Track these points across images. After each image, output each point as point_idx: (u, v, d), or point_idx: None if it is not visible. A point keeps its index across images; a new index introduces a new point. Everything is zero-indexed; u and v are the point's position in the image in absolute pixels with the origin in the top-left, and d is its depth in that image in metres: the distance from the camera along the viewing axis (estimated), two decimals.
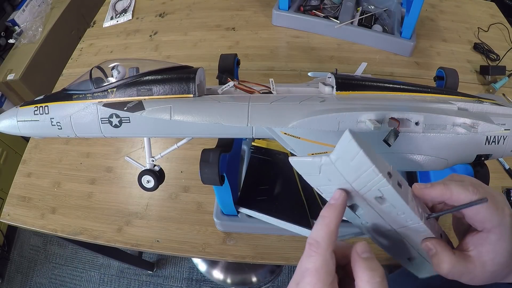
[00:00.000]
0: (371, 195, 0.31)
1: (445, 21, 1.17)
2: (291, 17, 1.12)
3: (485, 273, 0.32)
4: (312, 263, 0.28)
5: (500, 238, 0.32)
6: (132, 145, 0.91)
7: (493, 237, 0.32)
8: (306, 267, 0.29)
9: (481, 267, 0.32)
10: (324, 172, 0.30)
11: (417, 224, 0.32)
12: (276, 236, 0.72)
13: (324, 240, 0.29)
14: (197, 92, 0.49)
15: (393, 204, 0.31)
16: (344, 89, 0.50)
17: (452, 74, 0.58)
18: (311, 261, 0.29)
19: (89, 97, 0.50)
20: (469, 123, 0.44)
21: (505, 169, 0.81)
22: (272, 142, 0.79)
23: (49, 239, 1.75)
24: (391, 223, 0.33)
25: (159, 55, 1.12)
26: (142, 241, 0.75)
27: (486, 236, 0.32)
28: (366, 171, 0.29)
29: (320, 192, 0.33)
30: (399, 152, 0.45)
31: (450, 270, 0.32)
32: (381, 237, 0.36)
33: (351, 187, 0.31)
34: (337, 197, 0.31)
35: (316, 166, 0.30)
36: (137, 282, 1.60)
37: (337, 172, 0.30)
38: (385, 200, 0.31)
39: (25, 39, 1.70)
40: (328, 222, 0.30)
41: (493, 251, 0.32)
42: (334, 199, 0.31)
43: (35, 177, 0.89)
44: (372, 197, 0.31)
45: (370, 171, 0.29)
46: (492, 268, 0.32)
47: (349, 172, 0.30)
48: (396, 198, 0.30)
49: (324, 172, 0.30)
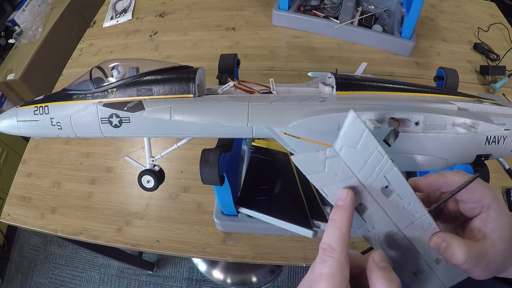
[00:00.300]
0: (378, 186, 0.31)
1: (445, 21, 1.17)
2: (291, 17, 1.12)
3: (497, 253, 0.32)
4: (327, 268, 0.28)
5: (499, 212, 0.32)
6: (132, 145, 0.91)
7: (493, 213, 0.32)
8: (320, 273, 0.28)
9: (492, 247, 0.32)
10: (329, 166, 0.30)
11: (423, 217, 0.32)
12: (276, 236, 0.72)
13: (338, 244, 0.28)
14: (197, 92, 0.49)
15: (399, 193, 0.31)
16: (344, 89, 0.50)
17: (452, 74, 0.58)
18: (326, 266, 0.28)
19: (89, 97, 0.50)
20: (469, 123, 0.44)
21: (505, 169, 0.81)
22: (272, 142, 0.79)
23: (49, 239, 1.75)
24: (398, 222, 0.33)
25: (159, 55, 1.12)
26: (142, 241, 0.75)
27: (486, 215, 0.33)
28: (372, 154, 0.28)
29: (325, 194, 0.32)
30: (399, 152, 0.45)
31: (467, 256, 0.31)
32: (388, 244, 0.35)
33: (357, 181, 0.30)
34: (345, 197, 0.30)
35: (321, 161, 0.30)
36: (137, 282, 1.60)
37: (342, 163, 0.29)
38: (391, 191, 0.31)
39: (25, 39, 1.70)
40: (340, 225, 0.29)
41: (497, 228, 0.32)
42: (342, 200, 0.30)
43: (35, 177, 0.89)
44: (379, 188, 0.31)
45: (376, 153, 0.28)
46: (502, 245, 0.32)
47: (355, 159, 0.29)
48: (402, 182, 0.30)
49: (329, 167, 0.30)
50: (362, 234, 0.35)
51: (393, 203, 0.31)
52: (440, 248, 0.32)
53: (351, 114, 0.28)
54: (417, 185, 0.35)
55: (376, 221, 0.33)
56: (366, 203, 0.32)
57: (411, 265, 0.35)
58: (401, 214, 0.32)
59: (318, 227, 0.63)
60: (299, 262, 0.69)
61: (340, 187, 0.31)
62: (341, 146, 0.29)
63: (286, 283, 1.52)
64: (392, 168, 0.29)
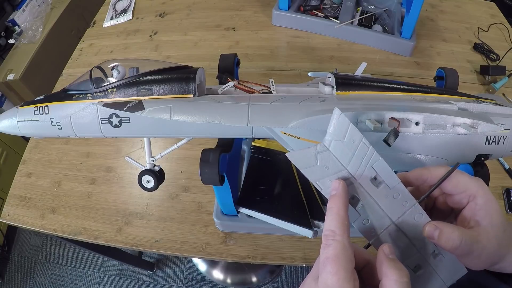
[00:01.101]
0: (367, 176, 0.33)
1: (445, 21, 1.17)
2: (291, 17, 1.12)
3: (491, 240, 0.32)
4: (332, 250, 0.28)
5: (487, 199, 0.33)
6: (132, 145, 0.91)
7: (481, 200, 0.33)
8: (326, 257, 0.28)
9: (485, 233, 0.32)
10: (321, 160, 0.32)
11: (413, 207, 0.34)
12: (276, 236, 0.72)
13: (338, 227, 0.30)
14: (197, 92, 0.49)
15: (387, 183, 0.33)
16: (344, 89, 0.50)
17: (452, 74, 0.58)
18: (330, 249, 0.29)
19: (89, 97, 0.50)
20: (469, 123, 0.44)
21: (505, 169, 0.81)
22: (272, 142, 0.79)
23: (49, 239, 1.75)
24: (390, 213, 0.34)
25: (159, 55, 1.12)
26: (142, 241, 0.75)
27: (474, 204, 0.33)
28: (359, 146, 0.31)
29: (320, 187, 0.34)
30: (399, 152, 0.45)
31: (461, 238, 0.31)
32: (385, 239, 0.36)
33: (347, 173, 0.33)
34: (337, 186, 0.32)
35: (313, 155, 0.32)
36: (137, 282, 1.60)
37: (332, 157, 0.32)
38: (380, 182, 0.33)
39: (25, 39, 1.70)
40: (337, 211, 0.31)
41: (487, 215, 0.33)
42: (335, 189, 0.32)
43: (35, 177, 0.89)
44: (368, 179, 0.33)
45: (362, 145, 0.31)
46: (494, 232, 0.33)
47: (344, 152, 0.32)
48: (389, 172, 0.32)
49: (321, 161, 0.32)
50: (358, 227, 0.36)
51: (383, 193, 0.33)
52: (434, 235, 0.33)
53: (336, 111, 0.31)
54: (406, 179, 0.36)
55: (369, 213, 0.35)
56: (358, 195, 0.34)
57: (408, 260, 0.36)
58: (391, 204, 0.34)
59: (318, 227, 0.63)
60: (299, 262, 0.69)
61: (333, 179, 0.33)
62: (330, 140, 0.32)
63: (286, 283, 1.52)
64: (378, 158, 0.32)
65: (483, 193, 0.33)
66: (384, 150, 0.44)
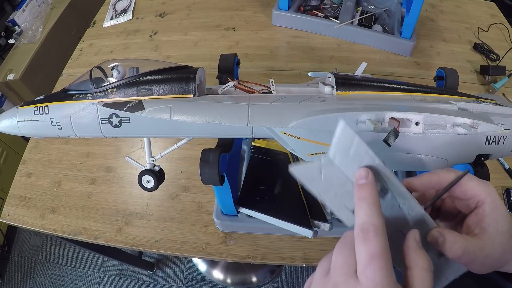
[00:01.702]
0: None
1: (445, 21, 1.17)
2: (291, 17, 1.12)
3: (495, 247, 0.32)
4: (377, 247, 0.26)
5: (495, 206, 0.33)
6: (132, 145, 0.91)
7: (488, 207, 0.33)
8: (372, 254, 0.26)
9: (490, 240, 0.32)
10: (325, 173, 0.31)
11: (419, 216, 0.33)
12: (276, 236, 0.72)
13: (379, 219, 0.27)
14: (197, 92, 0.49)
15: (393, 193, 0.32)
16: (344, 89, 0.50)
17: (452, 74, 0.58)
18: (375, 246, 0.26)
19: (89, 97, 0.50)
20: (469, 123, 0.44)
21: (505, 169, 0.81)
22: (272, 142, 0.79)
23: (49, 239, 1.75)
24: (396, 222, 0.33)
25: (159, 55, 1.12)
26: (142, 241, 0.75)
27: (481, 210, 0.33)
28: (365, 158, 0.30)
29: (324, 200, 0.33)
30: (399, 152, 0.45)
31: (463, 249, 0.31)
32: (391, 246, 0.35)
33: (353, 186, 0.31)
34: (366, 174, 0.29)
35: (317, 169, 0.31)
36: (137, 282, 1.60)
37: (337, 170, 0.30)
38: (386, 192, 0.32)
39: (25, 39, 1.70)
40: (372, 201, 0.28)
41: (494, 221, 0.32)
42: (364, 177, 0.29)
43: (35, 177, 0.89)
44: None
45: (368, 158, 0.29)
46: (499, 238, 0.32)
47: (349, 165, 0.30)
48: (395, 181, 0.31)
49: (326, 174, 0.31)
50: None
51: (389, 203, 0.32)
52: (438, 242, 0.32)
53: (341, 123, 0.29)
54: (411, 185, 0.35)
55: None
56: None
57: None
58: (397, 214, 0.33)
59: (318, 227, 0.63)
60: (299, 262, 0.69)
61: (338, 193, 0.32)
62: (335, 153, 0.30)
63: (286, 283, 1.52)
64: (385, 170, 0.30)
65: (491, 200, 0.33)
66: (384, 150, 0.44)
